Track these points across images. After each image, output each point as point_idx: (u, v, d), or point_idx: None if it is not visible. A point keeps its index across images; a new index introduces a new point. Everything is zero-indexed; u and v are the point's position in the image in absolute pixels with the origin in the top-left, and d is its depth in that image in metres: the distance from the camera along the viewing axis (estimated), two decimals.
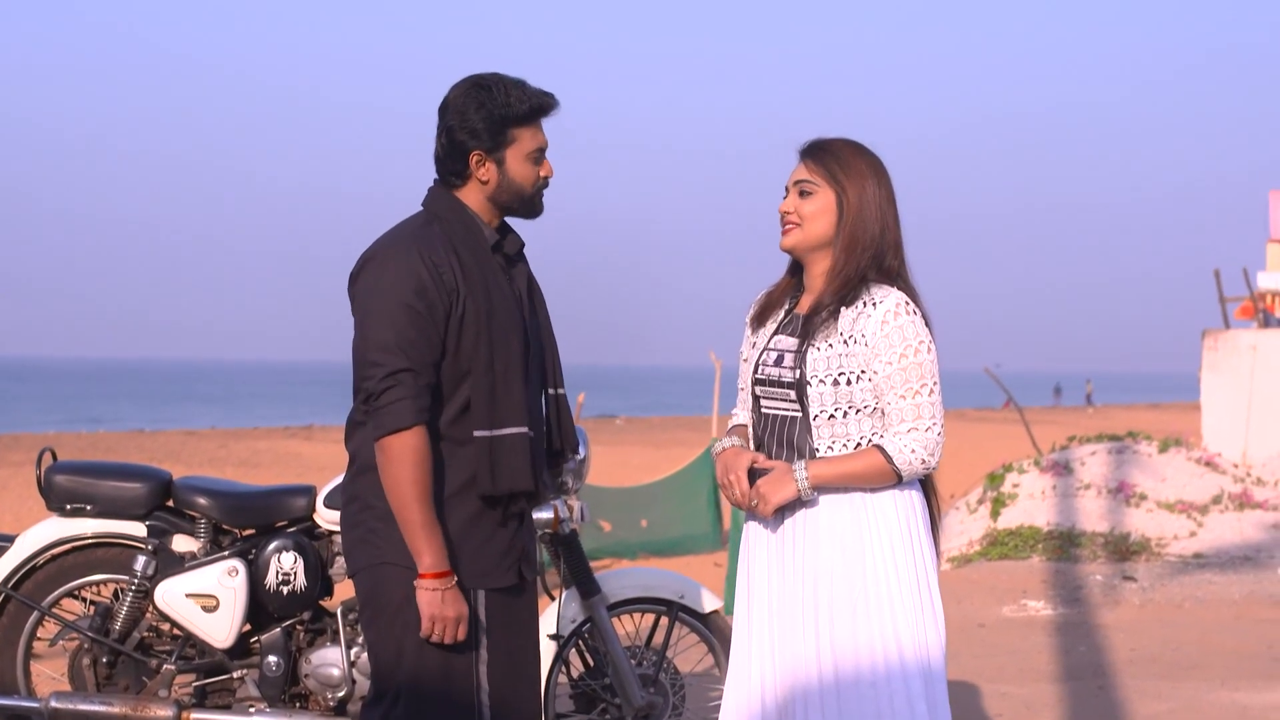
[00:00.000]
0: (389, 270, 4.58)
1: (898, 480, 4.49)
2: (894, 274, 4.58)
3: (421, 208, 4.78)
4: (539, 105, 4.71)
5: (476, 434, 4.61)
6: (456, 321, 4.58)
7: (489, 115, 4.64)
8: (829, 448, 4.51)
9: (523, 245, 4.87)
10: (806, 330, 4.56)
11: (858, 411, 4.51)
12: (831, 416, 4.51)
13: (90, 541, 6.83)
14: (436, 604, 4.54)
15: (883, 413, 4.51)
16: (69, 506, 6.82)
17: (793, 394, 4.54)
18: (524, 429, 4.66)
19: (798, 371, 4.53)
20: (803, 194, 4.58)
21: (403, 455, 4.51)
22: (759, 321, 4.73)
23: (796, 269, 4.72)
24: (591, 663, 6.76)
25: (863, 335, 4.48)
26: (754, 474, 4.56)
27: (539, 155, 4.73)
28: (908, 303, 4.51)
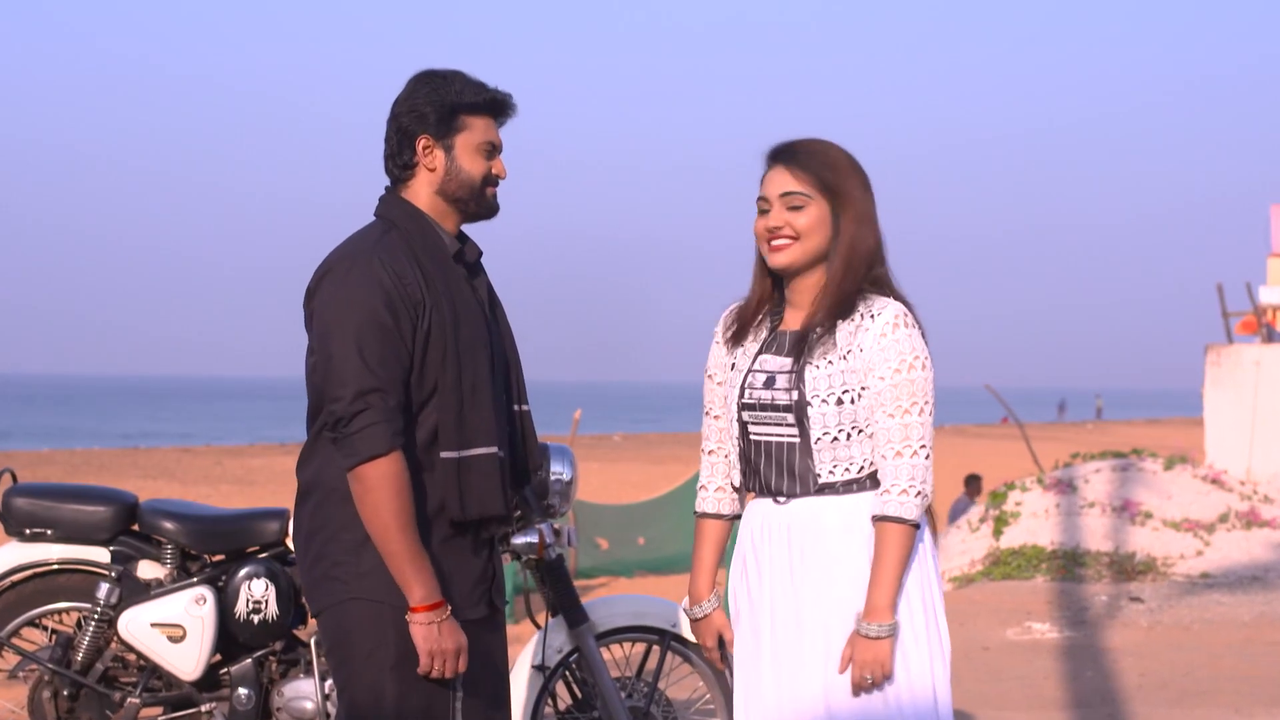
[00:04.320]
0: (350, 282, 4.28)
1: (917, 528, 4.21)
2: (884, 281, 4.30)
3: (375, 217, 4.50)
4: (492, 100, 4.48)
5: (443, 455, 4.32)
6: (423, 335, 4.30)
7: (439, 101, 4.41)
8: (830, 472, 4.23)
9: (481, 254, 4.59)
10: (801, 348, 4.26)
11: (860, 432, 4.23)
12: (835, 439, 4.22)
13: (51, 568, 6.54)
14: (434, 637, 4.25)
15: (871, 435, 4.21)
16: (28, 531, 6.52)
17: (789, 417, 4.24)
18: (494, 449, 4.38)
19: (796, 392, 4.23)
20: (792, 207, 4.25)
21: (381, 483, 4.20)
22: (737, 340, 4.41)
23: (775, 281, 4.39)
24: (579, 695, 6.48)
25: (860, 349, 4.20)
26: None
27: (490, 149, 4.48)
28: (907, 315, 4.24)
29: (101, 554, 6.51)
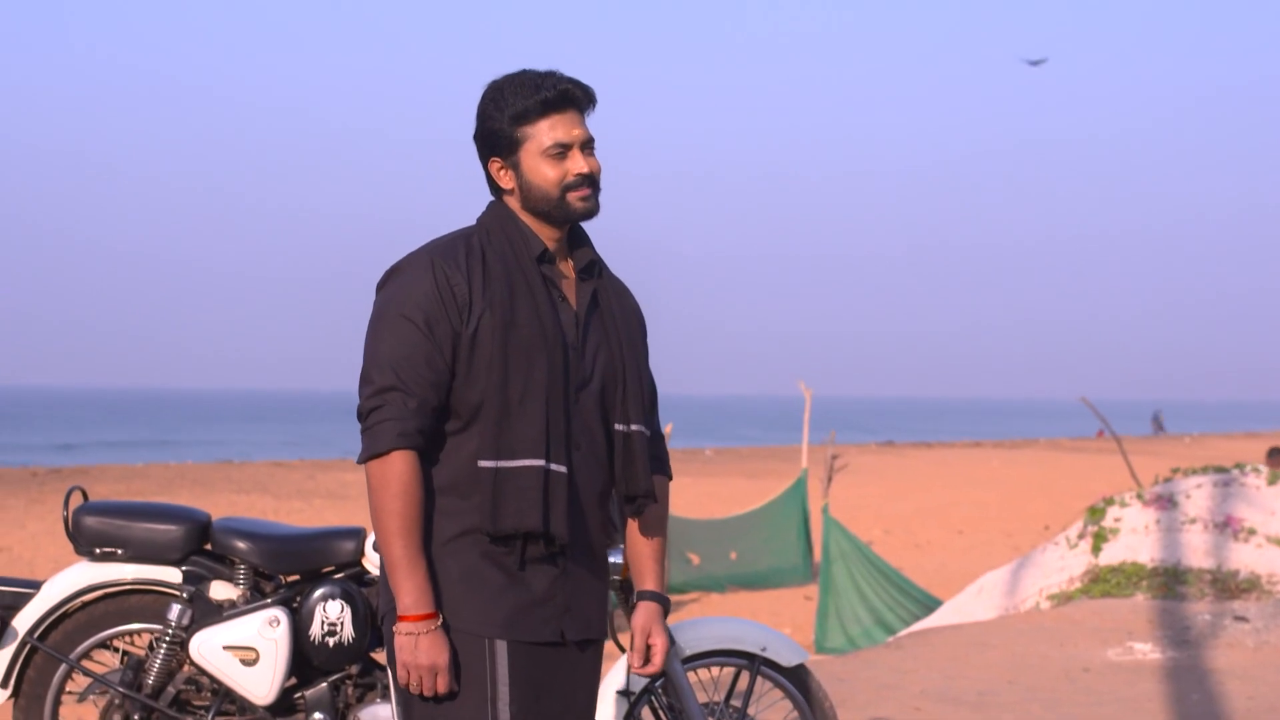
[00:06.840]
0: (399, 283, 4.20)
1: None
2: None
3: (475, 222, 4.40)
4: (547, 99, 4.23)
5: (481, 464, 4.15)
6: (468, 339, 4.15)
7: (497, 118, 4.25)
8: None
9: (593, 261, 4.40)
10: None
11: None
12: None
13: (122, 589, 6.39)
14: (409, 650, 4.08)
15: None
16: (99, 550, 6.37)
17: None
18: (539, 461, 4.16)
19: None
20: None
21: (384, 483, 4.08)
22: None
23: None
24: None
25: None
26: None
27: (559, 150, 4.25)
28: None
29: (173, 574, 6.36)
